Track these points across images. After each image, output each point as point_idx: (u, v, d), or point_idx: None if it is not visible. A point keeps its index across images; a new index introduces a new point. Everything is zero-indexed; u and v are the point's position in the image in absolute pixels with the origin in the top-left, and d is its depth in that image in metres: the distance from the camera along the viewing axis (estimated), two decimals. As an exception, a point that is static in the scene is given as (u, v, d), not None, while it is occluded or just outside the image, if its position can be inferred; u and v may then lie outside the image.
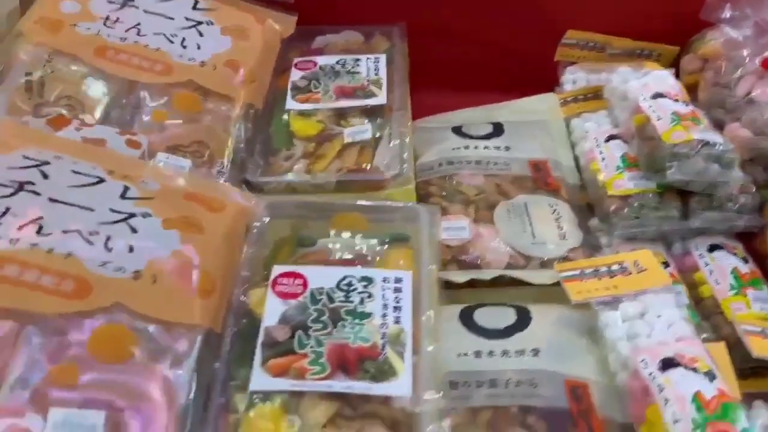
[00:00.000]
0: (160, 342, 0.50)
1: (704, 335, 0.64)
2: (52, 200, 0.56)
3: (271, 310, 0.59)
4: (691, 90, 0.84)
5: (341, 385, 0.54)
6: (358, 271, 0.62)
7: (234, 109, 0.75)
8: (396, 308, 0.60)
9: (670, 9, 0.92)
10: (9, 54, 0.70)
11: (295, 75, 0.86)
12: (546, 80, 0.99)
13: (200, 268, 0.55)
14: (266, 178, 0.74)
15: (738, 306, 0.67)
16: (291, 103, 0.82)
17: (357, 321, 0.59)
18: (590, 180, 0.80)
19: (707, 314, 0.68)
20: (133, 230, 0.56)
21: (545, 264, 0.72)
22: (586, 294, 0.66)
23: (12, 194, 0.55)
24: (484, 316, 0.66)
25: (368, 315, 0.59)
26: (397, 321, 0.59)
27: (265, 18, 0.86)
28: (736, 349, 0.62)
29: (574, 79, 0.96)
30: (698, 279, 0.72)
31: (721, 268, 0.71)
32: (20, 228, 0.52)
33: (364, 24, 0.96)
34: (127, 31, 0.75)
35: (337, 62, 0.88)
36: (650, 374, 0.57)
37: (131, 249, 0.55)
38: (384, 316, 0.59)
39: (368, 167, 0.74)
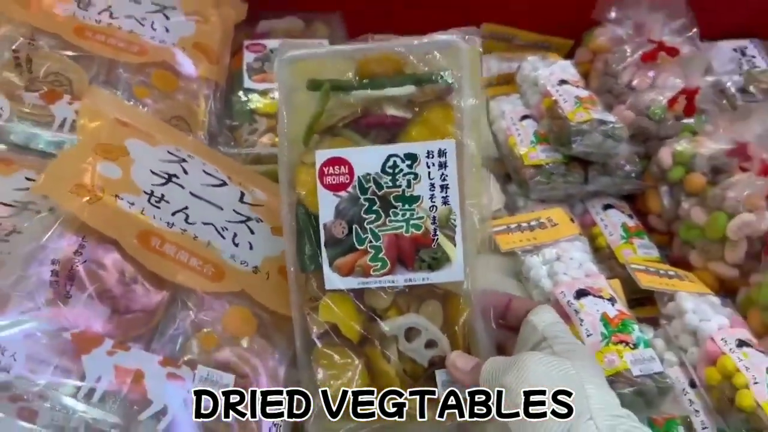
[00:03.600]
0: (269, 325, 0.62)
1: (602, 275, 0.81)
2: (192, 194, 0.65)
3: (325, 206, 0.60)
4: (584, 77, 1.01)
5: (402, 278, 0.59)
6: (401, 148, 0.60)
7: (203, 88, 0.83)
8: (443, 187, 0.60)
9: (564, 9, 1.08)
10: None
11: (249, 57, 0.95)
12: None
13: None
14: (237, 150, 0.83)
15: (627, 252, 0.85)
16: (249, 83, 0.91)
17: (407, 207, 0.60)
18: (508, 153, 0.95)
19: (603, 259, 0.86)
20: (251, 231, 0.66)
21: (477, 222, 0.86)
22: (513, 244, 0.82)
23: (164, 183, 0.63)
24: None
25: (417, 199, 0.60)
26: (445, 201, 0.59)
27: (221, 3, 0.93)
28: (626, 285, 0.79)
29: (487, 67, 1.11)
30: (595, 232, 0.89)
31: (613, 223, 0.89)
32: (173, 214, 0.62)
33: (304, 10, 1.06)
34: (99, 13, 0.81)
35: (284, 46, 0.98)
36: (568, 302, 0.73)
37: (251, 247, 0.65)
38: (432, 197, 0.60)
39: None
